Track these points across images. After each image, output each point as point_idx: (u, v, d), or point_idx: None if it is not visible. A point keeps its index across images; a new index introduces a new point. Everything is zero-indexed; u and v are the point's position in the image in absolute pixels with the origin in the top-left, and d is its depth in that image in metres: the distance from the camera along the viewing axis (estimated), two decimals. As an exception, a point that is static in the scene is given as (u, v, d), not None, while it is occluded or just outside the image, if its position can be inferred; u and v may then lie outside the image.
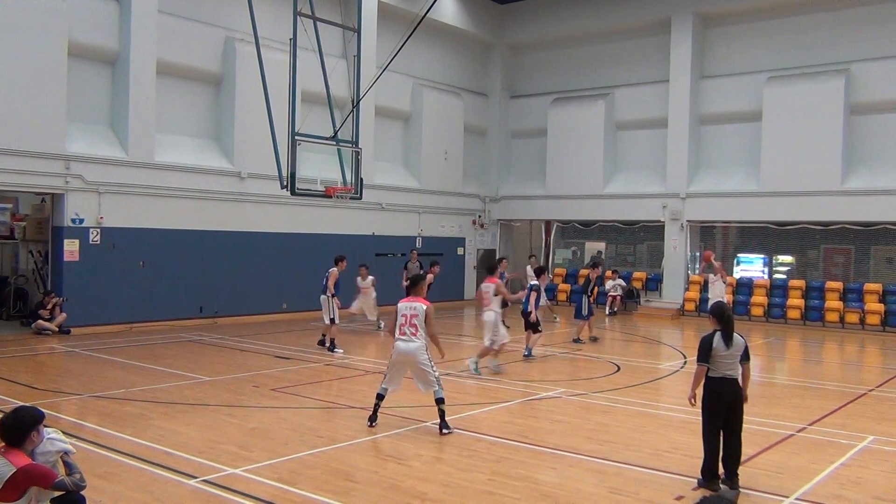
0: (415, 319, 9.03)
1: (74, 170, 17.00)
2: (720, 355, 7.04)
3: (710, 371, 7.08)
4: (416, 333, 9.02)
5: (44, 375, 12.66)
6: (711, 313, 7.34)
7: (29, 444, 5.06)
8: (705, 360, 7.07)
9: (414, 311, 9.08)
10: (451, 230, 27.08)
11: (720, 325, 7.12)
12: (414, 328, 9.01)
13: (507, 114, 29.00)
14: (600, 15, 26.04)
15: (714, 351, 7.03)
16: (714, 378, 7.07)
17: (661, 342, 18.31)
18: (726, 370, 7.05)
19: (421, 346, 9.00)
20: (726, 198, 23.50)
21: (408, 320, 9.06)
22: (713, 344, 7.05)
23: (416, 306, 9.12)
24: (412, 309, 9.10)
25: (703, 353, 7.09)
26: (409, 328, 9.03)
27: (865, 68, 21.61)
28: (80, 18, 17.23)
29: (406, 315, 9.10)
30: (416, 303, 9.18)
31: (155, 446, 8.09)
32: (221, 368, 13.03)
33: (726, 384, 7.03)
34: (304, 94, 19.48)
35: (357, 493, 6.80)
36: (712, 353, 7.03)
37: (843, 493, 7.11)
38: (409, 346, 9.02)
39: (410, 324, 9.03)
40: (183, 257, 18.88)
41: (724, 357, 7.04)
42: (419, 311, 9.06)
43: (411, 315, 9.06)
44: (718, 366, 7.05)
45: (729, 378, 7.05)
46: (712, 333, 7.12)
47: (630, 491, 7.02)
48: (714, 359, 7.04)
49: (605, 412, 10.37)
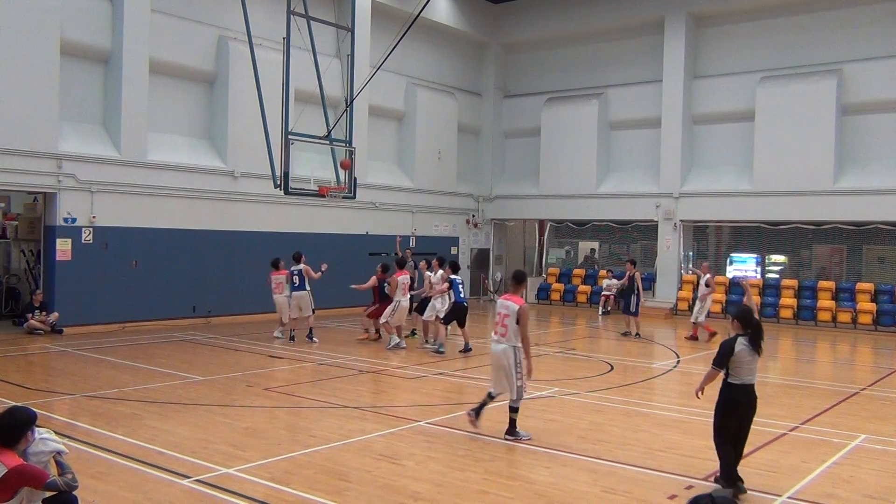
0: (506, 319, 8.58)
1: (67, 169, 16.94)
2: (742, 361, 6.75)
3: (729, 377, 6.82)
4: (505, 334, 8.59)
5: (36, 375, 12.62)
6: (737, 318, 6.97)
7: (22, 444, 5.04)
8: (721, 366, 6.79)
9: (506, 310, 8.63)
10: (445, 229, 27.09)
11: (747, 330, 6.82)
12: (504, 328, 8.59)
13: (501, 113, 29.02)
14: (594, 15, 26.08)
15: (736, 356, 6.74)
16: (733, 384, 6.80)
17: (655, 341, 18.35)
18: (747, 377, 6.78)
19: (507, 349, 8.59)
20: (719, 197, 23.58)
21: (500, 319, 8.65)
22: (735, 349, 6.75)
23: (509, 305, 8.64)
24: (505, 308, 8.66)
25: (721, 357, 6.78)
26: (500, 328, 8.64)
27: (857, 69, 21.70)
28: (73, 17, 17.16)
29: (500, 314, 8.69)
30: (510, 302, 8.68)
31: (148, 446, 8.07)
32: (214, 368, 13.00)
33: (745, 392, 6.79)
34: (297, 93, 19.50)
35: (350, 493, 6.79)
36: (733, 358, 6.74)
37: (835, 491, 7.13)
38: (496, 347, 8.69)
39: (502, 323, 8.62)
40: (176, 257, 18.83)
41: (747, 363, 6.76)
42: (511, 311, 8.58)
43: (504, 314, 8.63)
44: (739, 372, 6.78)
45: (748, 385, 6.79)
46: (734, 338, 6.82)
47: (623, 490, 7.03)
48: (735, 364, 6.76)
49: (598, 411, 10.39)
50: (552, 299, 26.78)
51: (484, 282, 28.65)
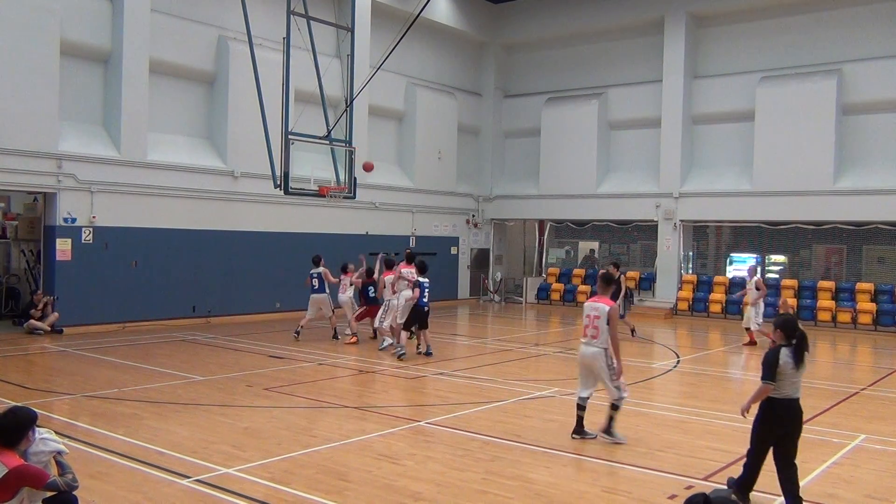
0: (597, 321, 8.56)
1: (67, 169, 16.94)
2: (785, 374, 6.31)
3: (771, 391, 6.40)
4: (596, 336, 8.56)
5: (36, 375, 12.61)
6: (780, 327, 6.51)
7: (23, 444, 5.04)
8: (771, 379, 6.32)
9: (596, 311, 8.60)
10: (445, 229, 27.09)
11: (791, 340, 6.38)
12: (595, 330, 8.56)
13: (501, 113, 29.02)
14: (593, 15, 26.09)
15: (780, 369, 6.31)
16: (775, 399, 6.35)
17: (654, 342, 18.34)
18: (791, 391, 6.33)
19: (599, 353, 8.56)
20: (719, 197, 23.58)
21: (591, 321, 8.62)
22: (780, 360, 6.32)
23: (598, 307, 8.62)
24: (595, 310, 8.63)
25: (768, 370, 6.33)
26: (591, 330, 8.61)
27: (857, 68, 21.70)
28: (73, 17, 17.15)
29: (589, 316, 8.66)
30: (600, 303, 8.66)
31: (148, 446, 8.06)
32: (214, 368, 12.99)
33: (788, 407, 6.35)
34: (297, 93, 19.50)
35: (350, 493, 6.79)
36: (778, 371, 6.31)
37: (836, 491, 7.13)
38: (586, 349, 8.66)
39: (592, 325, 8.59)
40: (176, 257, 18.83)
41: (790, 376, 6.32)
42: (602, 313, 8.55)
43: (594, 316, 8.60)
44: (782, 386, 6.33)
45: (792, 400, 6.35)
46: (778, 349, 6.40)
47: (623, 490, 7.03)
48: (778, 378, 6.32)
49: (598, 412, 10.37)
50: (552, 299, 26.78)
51: (484, 282, 28.65)
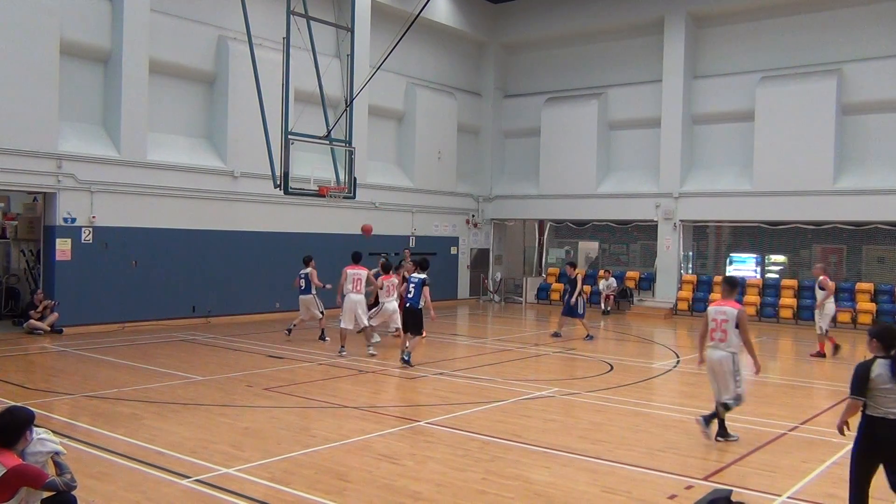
0: (725, 325, 8.54)
1: (66, 169, 16.93)
2: (881, 388, 5.57)
3: (867, 407, 5.64)
4: (724, 339, 8.57)
5: (35, 375, 12.61)
6: (876, 336, 5.80)
7: (21, 444, 5.04)
8: (860, 394, 5.63)
9: (724, 315, 8.59)
10: (445, 229, 27.09)
11: (889, 351, 5.66)
12: (723, 334, 8.55)
13: (501, 113, 29.02)
14: (593, 15, 26.08)
15: (873, 383, 5.58)
16: (872, 417, 5.61)
17: (654, 341, 18.35)
18: (890, 407, 5.54)
19: (726, 356, 8.55)
20: (719, 197, 23.57)
21: (718, 325, 8.57)
22: (872, 374, 5.61)
23: (726, 310, 8.62)
24: (722, 313, 8.61)
25: (857, 384, 5.64)
26: (719, 333, 8.57)
27: (857, 68, 21.70)
28: (72, 16, 17.15)
29: (716, 320, 8.63)
30: (727, 307, 8.66)
31: (147, 446, 8.06)
32: (214, 368, 12.99)
33: (886, 426, 5.54)
34: (297, 93, 19.50)
35: (350, 493, 6.78)
36: (870, 385, 5.59)
37: (835, 491, 7.11)
38: (714, 353, 8.64)
39: (720, 329, 8.56)
40: (175, 257, 18.82)
41: (886, 392, 5.55)
42: (730, 316, 8.55)
43: (721, 320, 8.58)
44: (878, 401, 5.58)
45: (891, 419, 5.53)
46: (872, 360, 5.70)
47: (623, 490, 7.02)
48: (872, 392, 5.59)
49: (598, 411, 10.38)
50: (552, 299, 26.77)
51: (484, 282, 28.65)
